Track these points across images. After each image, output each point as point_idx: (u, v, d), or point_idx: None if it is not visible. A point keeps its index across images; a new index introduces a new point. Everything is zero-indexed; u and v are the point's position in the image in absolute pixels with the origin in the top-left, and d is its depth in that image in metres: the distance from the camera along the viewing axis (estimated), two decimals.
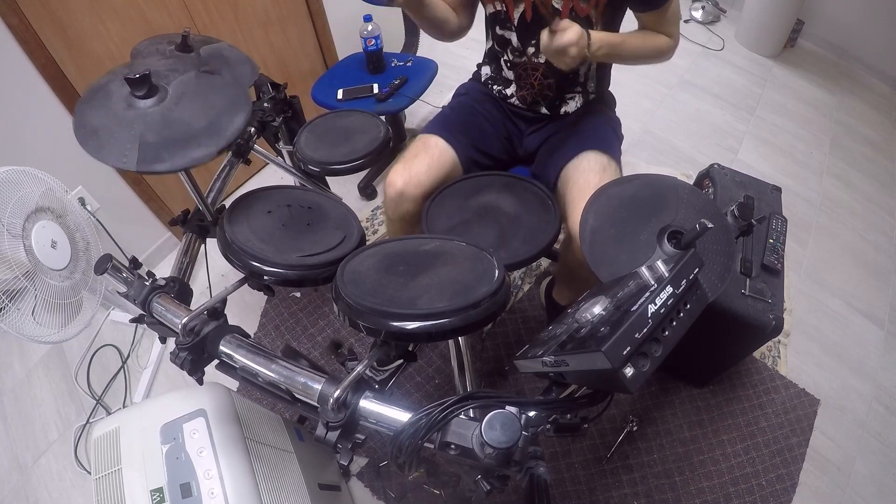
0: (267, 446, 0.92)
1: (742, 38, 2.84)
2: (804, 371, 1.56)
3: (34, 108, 1.34)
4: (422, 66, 1.86)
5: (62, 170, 1.14)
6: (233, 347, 0.69)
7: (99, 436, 0.87)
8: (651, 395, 1.47)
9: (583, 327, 0.53)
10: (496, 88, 1.23)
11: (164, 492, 0.77)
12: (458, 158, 1.13)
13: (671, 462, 1.36)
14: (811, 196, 2.09)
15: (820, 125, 2.42)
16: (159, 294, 0.77)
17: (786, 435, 1.42)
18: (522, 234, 0.97)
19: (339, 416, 0.60)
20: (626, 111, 1.25)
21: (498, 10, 1.08)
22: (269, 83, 1.20)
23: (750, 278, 1.19)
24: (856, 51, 2.76)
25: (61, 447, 1.45)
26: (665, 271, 0.51)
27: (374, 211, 1.99)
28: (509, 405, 0.52)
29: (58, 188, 1.06)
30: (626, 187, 0.82)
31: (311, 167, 1.06)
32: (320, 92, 1.80)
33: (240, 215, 0.86)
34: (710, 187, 1.39)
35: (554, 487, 1.33)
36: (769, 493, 1.32)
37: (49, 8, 1.29)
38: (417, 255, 0.74)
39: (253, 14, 1.80)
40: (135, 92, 0.76)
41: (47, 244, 0.98)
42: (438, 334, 0.60)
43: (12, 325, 0.91)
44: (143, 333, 1.67)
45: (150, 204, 1.73)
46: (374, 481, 1.33)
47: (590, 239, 0.75)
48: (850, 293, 1.78)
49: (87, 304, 1.08)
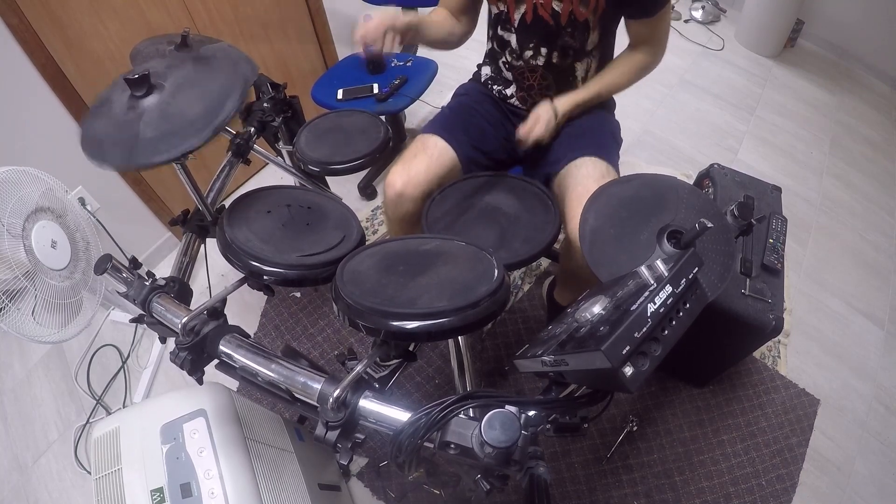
0: (267, 446, 0.92)
1: (742, 38, 2.84)
2: (804, 371, 1.56)
3: (34, 108, 1.34)
4: (422, 66, 1.86)
5: (62, 170, 1.14)
6: (233, 347, 0.69)
7: (99, 436, 0.87)
8: (651, 395, 1.47)
9: (582, 327, 0.53)
10: (496, 89, 1.23)
11: (164, 492, 0.77)
12: (457, 159, 1.13)
13: (671, 462, 1.36)
14: (811, 196, 2.09)
15: (820, 125, 2.42)
16: (159, 294, 0.77)
17: (786, 435, 1.42)
18: (522, 234, 0.97)
19: (338, 416, 0.60)
20: (626, 111, 1.25)
21: (500, 11, 1.08)
22: (269, 83, 1.20)
23: (750, 278, 1.19)
24: (856, 51, 2.76)
25: (61, 447, 1.45)
26: (664, 271, 0.51)
27: (374, 211, 1.99)
28: (509, 405, 0.52)
29: (58, 188, 1.06)
30: (626, 187, 0.82)
31: (310, 167, 1.06)
32: (320, 92, 1.80)
33: (239, 215, 0.86)
34: (710, 187, 1.39)
35: (554, 487, 1.33)
36: (769, 493, 1.32)
37: (49, 8, 1.29)
38: (417, 255, 0.75)
39: (253, 14, 1.80)
40: (135, 92, 0.76)
41: (47, 244, 0.98)
42: (438, 334, 0.60)
43: (12, 325, 0.91)
44: (143, 333, 1.67)
45: (150, 204, 1.73)
46: (374, 481, 1.33)
47: (590, 239, 0.75)
48: (850, 293, 1.78)
49: (87, 304, 1.08)
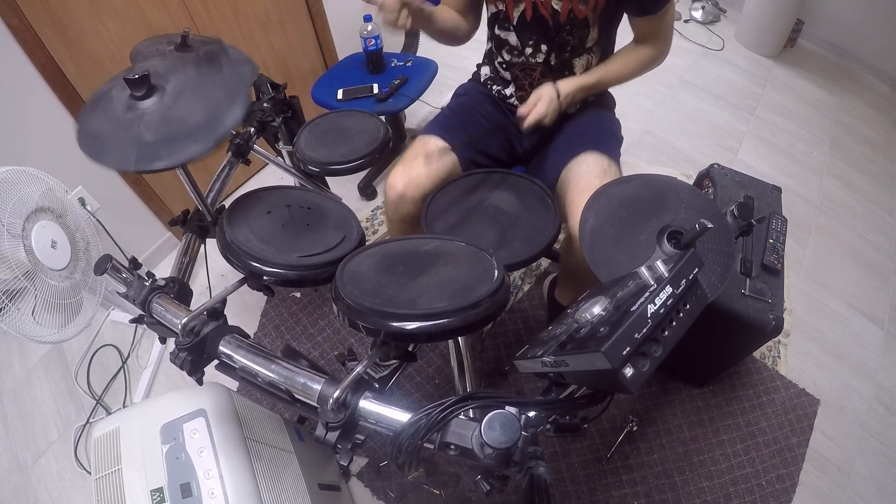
0: (267, 446, 0.92)
1: (742, 38, 2.84)
2: (804, 371, 1.56)
3: (34, 108, 1.34)
4: (422, 66, 1.86)
5: (62, 170, 1.14)
6: (232, 348, 0.69)
7: (99, 436, 0.87)
8: (651, 395, 1.47)
9: (582, 327, 0.53)
10: (495, 89, 1.23)
11: (164, 492, 0.77)
12: (457, 159, 1.13)
13: (671, 462, 1.36)
14: (811, 196, 2.09)
15: (820, 125, 2.42)
16: (159, 294, 0.77)
17: (786, 435, 1.42)
18: (522, 234, 0.97)
19: (338, 417, 0.60)
20: (626, 111, 1.26)
21: (498, 10, 1.08)
22: (269, 83, 1.20)
23: (750, 278, 1.19)
24: (856, 51, 2.76)
25: (61, 447, 1.45)
26: (665, 271, 0.51)
27: (374, 211, 1.99)
28: (509, 405, 0.52)
29: (58, 188, 1.06)
30: (626, 187, 0.81)
31: (310, 167, 1.06)
32: (320, 92, 1.80)
33: (239, 215, 0.86)
34: (710, 187, 1.39)
35: (554, 487, 1.33)
36: (769, 493, 1.32)
37: (49, 8, 1.29)
38: (417, 256, 0.74)
39: (253, 14, 1.80)
40: (134, 93, 0.76)
41: (47, 244, 0.98)
42: (438, 334, 0.60)
43: (12, 325, 0.91)
44: (143, 333, 1.67)
45: (150, 204, 1.73)
46: (374, 481, 1.33)
47: (590, 239, 0.75)
48: (850, 293, 1.78)
49: (87, 304, 1.07)
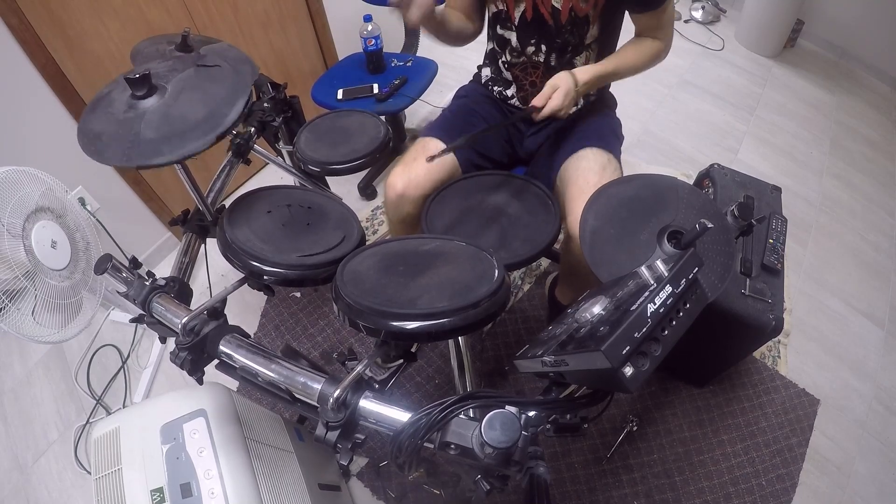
0: (267, 446, 0.92)
1: (742, 38, 2.84)
2: (804, 371, 1.56)
3: (34, 108, 1.34)
4: (422, 66, 1.86)
5: (62, 170, 1.14)
6: (233, 347, 0.69)
7: (99, 436, 0.87)
8: (651, 395, 1.47)
9: (582, 327, 0.53)
10: (496, 90, 1.23)
11: (164, 492, 0.77)
12: (457, 161, 1.13)
13: (671, 462, 1.36)
14: (811, 196, 2.09)
15: (820, 125, 2.42)
16: (159, 294, 0.77)
17: (786, 435, 1.42)
18: (522, 234, 0.97)
19: (338, 416, 0.59)
20: (626, 111, 1.25)
21: (499, 10, 1.08)
22: (269, 83, 1.19)
23: (750, 278, 1.19)
24: (856, 51, 2.76)
25: (61, 447, 1.45)
26: (664, 271, 0.51)
27: (374, 211, 1.99)
28: (509, 405, 0.52)
29: (58, 188, 1.06)
30: (626, 187, 0.82)
31: (311, 167, 1.06)
32: (320, 92, 1.80)
33: (240, 215, 0.86)
34: (710, 187, 1.39)
35: (554, 487, 1.33)
36: (769, 493, 1.32)
37: (49, 8, 1.29)
38: (417, 255, 0.75)
39: (253, 14, 1.80)
40: (135, 92, 0.76)
41: (47, 244, 0.98)
42: (438, 334, 0.60)
43: (12, 325, 0.91)
44: (143, 333, 1.67)
45: (150, 204, 1.73)
46: (374, 481, 1.33)
47: (590, 239, 0.75)
48: (850, 293, 1.78)
49: (87, 304, 1.07)
